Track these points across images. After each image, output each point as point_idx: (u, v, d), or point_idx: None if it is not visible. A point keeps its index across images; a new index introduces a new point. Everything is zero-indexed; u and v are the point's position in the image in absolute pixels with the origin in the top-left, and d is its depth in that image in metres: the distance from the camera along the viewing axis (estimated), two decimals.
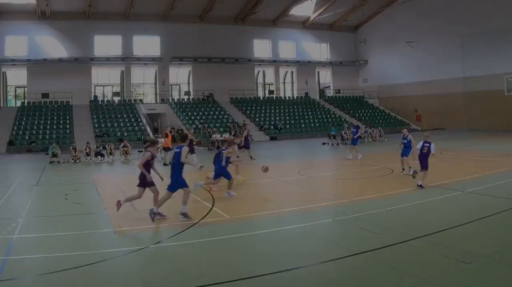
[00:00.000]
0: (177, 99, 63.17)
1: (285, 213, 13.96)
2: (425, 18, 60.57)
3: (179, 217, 13.27)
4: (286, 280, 8.57)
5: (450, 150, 25.96)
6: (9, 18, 54.53)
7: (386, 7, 65.40)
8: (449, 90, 58.41)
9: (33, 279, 8.95)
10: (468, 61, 55.85)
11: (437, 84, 60.03)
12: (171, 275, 8.96)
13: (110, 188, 20.85)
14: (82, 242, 11.47)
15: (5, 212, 15.34)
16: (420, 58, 62.19)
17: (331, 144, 42.60)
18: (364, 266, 9.15)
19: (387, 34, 67.80)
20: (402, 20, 64.02)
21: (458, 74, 56.94)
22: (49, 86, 55.72)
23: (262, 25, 66.79)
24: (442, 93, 59.62)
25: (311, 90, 71.24)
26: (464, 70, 56.41)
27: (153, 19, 60.38)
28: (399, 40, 64.45)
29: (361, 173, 22.36)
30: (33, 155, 41.23)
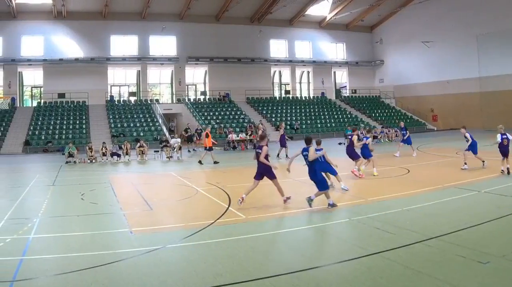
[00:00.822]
0: (193, 99, 63.18)
1: (301, 212, 13.86)
2: (441, 18, 60.46)
3: (200, 215, 13.11)
4: (302, 280, 8.43)
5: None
6: (25, 18, 54.77)
7: (402, 7, 65.27)
8: (465, 90, 58.32)
9: (49, 279, 8.87)
10: (484, 61, 55.57)
11: (453, 84, 59.93)
12: (187, 275, 8.88)
13: (127, 188, 20.81)
14: (98, 242, 11.42)
15: (22, 212, 15.33)
16: (436, 58, 62.02)
17: (347, 144, 42.15)
18: (380, 266, 8.98)
19: (403, 34, 67.64)
20: (418, 20, 63.89)
21: (474, 74, 56.72)
22: (65, 86, 55.92)
23: (278, 25, 66.81)
24: (458, 93, 59.48)
25: (327, 90, 71.17)
26: (480, 70, 56.12)
27: (169, 19, 60.48)
28: (415, 40, 64.34)
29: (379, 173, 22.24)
30: (49, 155, 41.40)
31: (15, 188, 21.01)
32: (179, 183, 20.74)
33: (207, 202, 16.44)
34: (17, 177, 26.78)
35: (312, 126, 57.53)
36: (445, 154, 27.71)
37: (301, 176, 20.93)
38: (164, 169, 27.91)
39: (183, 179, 21.45)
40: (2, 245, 11.10)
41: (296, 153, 14.91)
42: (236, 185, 19.42)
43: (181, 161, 32.93)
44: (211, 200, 16.51)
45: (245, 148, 42.05)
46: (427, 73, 63.87)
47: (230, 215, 13.91)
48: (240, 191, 16.42)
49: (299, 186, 19.21)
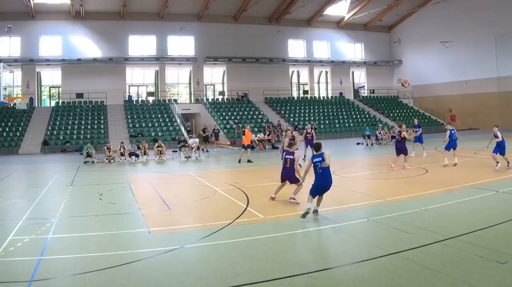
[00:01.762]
0: (211, 99, 63.22)
1: (320, 212, 13.68)
2: (460, 18, 60.10)
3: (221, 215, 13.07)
4: (320, 280, 8.50)
5: (483, 150, 25.61)
6: (44, 18, 55.01)
7: (421, 7, 64.91)
8: (484, 90, 57.95)
9: (67, 279, 8.90)
10: (503, 60, 55.19)
11: (471, 84, 59.57)
12: (205, 275, 8.88)
13: (145, 188, 20.84)
14: (117, 242, 11.46)
15: (40, 212, 15.37)
16: (454, 58, 61.62)
17: (365, 144, 42.42)
18: (399, 266, 9.07)
19: (421, 34, 67.26)
20: (436, 20, 63.55)
21: (492, 74, 56.33)
22: (83, 86, 56.20)
23: (297, 25, 66.68)
24: (476, 93, 59.12)
25: (346, 90, 71.02)
26: (499, 70, 55.73)
27: (188, 19, 60.52)
28: (433, 40, 63.91)
29: (395, 173, 22.14)
30: (68, 155, 41.55)
31: (33, 188, 21.08)
32: (197, 183, 20.75)
33: (226, 202, 16.41)
34: (35, 177, 26.82)
35: (330, 127, 57.34)
36: (463, 154, 27.49)
37: None
38: (182, 168, 27.94)
39: (201, 179, 21.48)
40: (20, 245, 11.13)
41: (308, 164, 14.46)
42: (254, 185, 19.47)
43: (199, 161, 32.94)
44: (229, 200, 16.53)
45: (263, 148, 41.99)
46: (446, 73, 63.52)
47: (249, 215, 13.93)
48: (258, 191, 16.47)
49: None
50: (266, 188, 18.73)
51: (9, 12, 53.07)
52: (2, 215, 14.94)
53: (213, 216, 13.83)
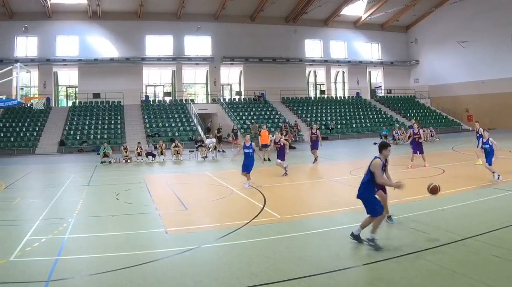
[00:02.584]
0: (228, 99, 63.29)
1: (336, 213, 13.81)
2: (477, 18, 59.84)
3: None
4: (337, 280, 8.53)
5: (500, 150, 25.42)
6: (61, 18, 55.34)
7: (438, 7, 64.75)
8: (501, 90, 57.70)
9: (84, 279, 8.92)
10: None
11: (488, 84, 59.35)
12: (222, 275, 8.87)
13: (162, 188, 20.86)
14: (134, 242, 11.47)
15: (57, 212, 15.40)
16: (471, 58, 61.36)
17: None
18: (415, 266, 9.04)
19: (438, 34, 67.04)
20: (453, 20, 63.33)
21: (509, 74, 56.12)
22: (100, 86, 56.43)
23: (314, 25, 66.64)
24: (493, 93, 58.87)
25: (363, 90, 70.80)
26: None
27: (205, 19, 60.63)
28: (450, 40, 63.69)
29: (412, 173, 22.05)
30: (84, 155, 41.72)
31: (50, 188, 21.14)
32: (214, 183, 20.75)
33: (242, 202, 16.42)
34: (52, 177, 26.89)
35: (347, 127, 57.21)
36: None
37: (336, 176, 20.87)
38: (199, 169, 27.98)
39: (218, 179, 21.48)
40: (37, 245, 11.16)
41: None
42: (271, 185, 19.46)
43: (216, 161, 32.95)
44: (246, 200, 16.54)
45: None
46: (462, 73, 63.22)
47: (265, 215, 13.90)
48: (275, 191, 16.46)
49: (334, 186, 19.19)
50: (283, 188, 18.82)
51: (26, 12, 53.39)
52: (19, 215, 15.00)
53: (230, 216, 13.83)
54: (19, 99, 19.38)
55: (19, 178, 24.83)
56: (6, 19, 53.56)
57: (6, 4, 51.82)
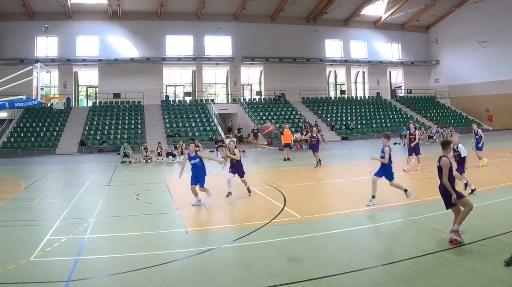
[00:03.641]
0: (249, 99, 63.30)
1: (357, 213, 13.81)
2: (497, 18, 59.51)
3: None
4: (357, 280, 8.53)
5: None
6: (81, 18, 55.65)
7: (458, 7, 64.50)
8: None
9: (104, 279, 8.96)
10: None
11: (508, 84, 59.10)
12: (242, 275, 8.91)
13: (182, 188, 20.67)
14: (154, 242, 11.51)
15: (77, 212, 15.44)
16: (491, 58, 61.04)
17: (402, 144, 41.84)
18: (436, 266, 9.05)
19: (458, 34, 66.69)
20: (473, 20, 63.02)
21: None
22: (120, 86, 56.65)
23: (334, 25, 66.55)
24: None
25: (383, 90, 70.61)
26: None
27: (225, 19, 60.68)
28: (470, 40, 63.35)
29: (432, 173, 21.88)
30: (105, 155, 41.80)
31: (70, 188, 21.23)
32: (234, 183, 20.74)
33: (262, 202, 16.42)
34: (73, 177, 27.00)
35: (368, 127, 57.04)
36: (500, 154, 27.23)
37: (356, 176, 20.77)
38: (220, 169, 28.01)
39: (239, 179, 21.49)
40: (58, 245, 11.22)
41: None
42: (291, 185, 19.47)
43: None
44: (266, 200, 16.55)
45: (300, 148, 41.86)
46: (483, 73, 62.90)
47: (286, 215, 13.90)
48: (295, 191, 16.46)
49: (354, 186, 19.14)
50: (303, 188, 18.81)
51: (46, 12, 53.73)
52: (39, 215, 15.08)
53: (250, 216, 13.88)
54: (39, 99, 19.43)
55: (39, 178, 24.93)
56: (27, 19, 53.99)
57: (26, 4, 52.20)
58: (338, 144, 47.55)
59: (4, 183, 24.24)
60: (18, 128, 48.30)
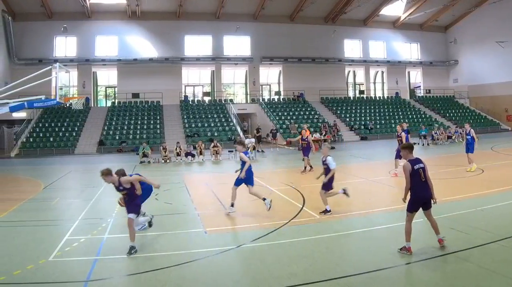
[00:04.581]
0: (267, 99, 63.28)
1: (375, 213, 13.83)
2: None
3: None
4: (376, 280, 8.58)
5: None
6: (100, 18, 55.93)
7: (477, 7, 64.25)
8: None
9: (123, 279, 9.05)
10: None
11: None
12: (261, 275, 8.91)
13: (201, 188, 20.95)
14: (172, 242, 11.56)
15: (96, 212, 15.56)
16: (510, 58, 60.80)
17: (421, 144, 42.11)
18: (455, 266, 9.12)
19: (477, 34, 66.43)
20: (492, 20, 62.70)
21: None
22: (139, 86, 56.86)
23: (353, 25, 66.49)
24: None
25: (402, 90, 70.40)
26: None
27: (244, 19, 60.78)
28: (489, 40, 63.17)
29: (451, 173, 21.84)
30: (123, 155, 41.86)
31: (89, 188, 21.31)
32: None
33: (281, 202, 16.40)
34: (91, 177, 26.94)
35: (386, 127, 56.84)
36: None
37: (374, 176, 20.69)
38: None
39: (257, 179, 21.42)
40: (77, 245, 11.29)
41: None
42: (310, 185, 19.27)
43: (255, 161, 32.73)
44: (285, 200, 16.60)
45: (318, 148, 41.77)
46: (502, 73, 62.69)
47: (304, 215, 13.96)
48: (314, 191, 16.40)
49: (373, 186, 19.26)
50: None
51: (65, 12, 54.12)
52: (58, 215, 15.18)
53: (268, 216, 13.79)
54: (58, 99, 19.50)
55: (58, 178, 25.07)
56: (46, 19, 54.38)
57: (45, 4, 52.58)
58: (357, 144, 47.51)
59: (24, 183, 24.50)
60: (37, 128, 48.55)
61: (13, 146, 45.73)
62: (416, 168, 10.35)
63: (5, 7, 51.25)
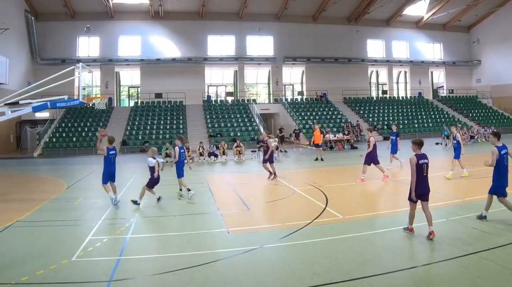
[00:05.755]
0: (290, 99, 63.19)
1: (399, 213, 13.68)
2: None
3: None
4: (398, 280, 8.54)
5: None
6: (123, 18, 56.30)
7: (500, 7, 64.13)
8: None
9: (146, 279, 9.01)
10: None
11: None
12: (284, 275, 8.87)
13: (224, 188, 20.92)
14: (195, 242, 11.52)
15: (119, 212, 15.55)
16: None
17: (444, 144, 41.81)
18: (477, 266, 9.03)
19: (500, 34, 66.24)
20: None
21: None
22: (162, 86, 57.18)
23: (376, 25, 66.48)
24: None
25: (425, 90, 70.35)
26: None
27: (267, 19, 60.93)
28: None
29: (474, 173, 21.61)
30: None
31: None
32: (276, 183, 20.61)
33: (304, 201, 16.34)
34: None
35: (409, 127, 56.73)
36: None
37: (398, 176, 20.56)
38: (261, 168, 27.91)
39: (280, 179, 21.35)
40: (99, 245, 11.27)
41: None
42: (333, 185, 19.41)
43: (278, 161, 32.51)
44: (308, 200, 16.47)
45: (342, 148, 41.72)
46: None
47: (327, 215, 13.87)
48: (337, 191, 16.39)
49: (395, 186, 19.22)
50: (345, 188, 18.79)
51: (88, 12, 54.59)
52: (81, 215, 15.16)
53: (291, 216, 13.77)
54: (81, 99, 19.55)
55: (81, 178, 25.15)
56: (69, 19, 54.91)
57: (68, 4, 53.04)
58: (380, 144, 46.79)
59: (46, 183, 24.55)
60: (60, 128, 48.95)
61: (36, 146, 45.92)
62: (421, 162, 11.02)
63: (28, 7, 51.69)
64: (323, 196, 16.89)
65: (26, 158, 41.39)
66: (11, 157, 42.04)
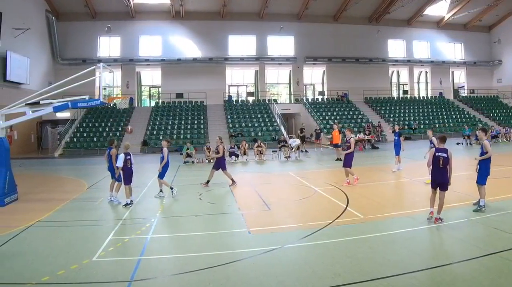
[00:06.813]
0: (311, 99, 63.12)
1: (419, 213, 13.64)
2: None
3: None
4: (419, 280, 8.55)
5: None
6: (143, 18, 56.47)
7: None
8: None
9: (166, 279, 9.04)
10: None
11: None
12: (305, 275, 8.90)
13: (244, 188, 20.87)
14: (216, 242, 11.55)
15: (140, 212, 15.59)
16: None
17: (465, 144, 42.13)
18: (499, 266, 9.04)
19: None
20: None
21: None
22: (183, 86, 57.26)
23: (396, 25, 66.27)
24: None
25: (445, 90, 70.01)
26: None
27: (287, 19, 60.85)
28: None
29: (495, 173, 21.33)
30: None
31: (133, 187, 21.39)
32: (297, 183, 20.62)
33: (325, 202, 16.34)
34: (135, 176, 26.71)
35: (430, 126, 55.61)
36: None
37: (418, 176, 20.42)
38: (282, 169, 27.90)
39: (301, 179, 21.35)
40: (120, 245, 11.35)
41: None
42: (353, 185, 19.36)
43: (299, 161, 32.77)
44: (329, 200, 16.50)
45: (363, 148, 41.61)
46: None
47: (348, 215, 13.91)
48: (358, 191, 16.42)
49: (416, 186, 19.13)
50: (366, 187, 18.79)
51: (109, 12, 54.83)
52: (102, 215, 15.25)
53: (312, 216, 13.82)
54: (101, 99, 19.61)
55: (102, 178, 25.10)
56: (89, 19, 55.17)
57: (89, 5, 53.31)
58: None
59: (67, 183, 24.70)
60: (81, 128, 49.12)
61: (57, 146, 46.10)
62: (437, 155, 12.09)
63: (48, 7, 52.08)
64: (344, 196, 16.92)
65: (47, 158, 41.52)
66: (32, 157, 42.12)
